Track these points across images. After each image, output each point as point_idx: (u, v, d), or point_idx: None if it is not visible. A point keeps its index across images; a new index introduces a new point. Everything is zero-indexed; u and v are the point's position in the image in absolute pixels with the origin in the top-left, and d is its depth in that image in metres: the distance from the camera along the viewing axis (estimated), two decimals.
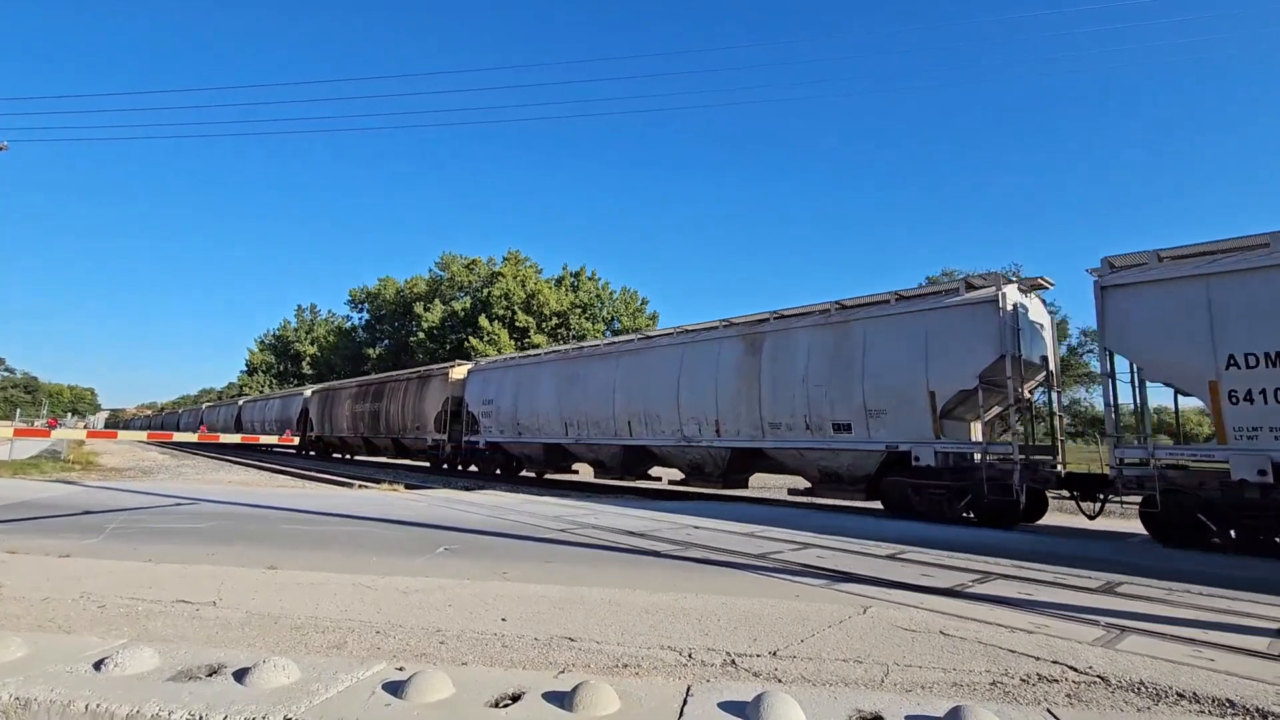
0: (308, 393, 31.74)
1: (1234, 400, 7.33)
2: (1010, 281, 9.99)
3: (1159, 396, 10.24)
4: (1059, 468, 9.79)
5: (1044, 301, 10.95)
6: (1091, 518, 9.37)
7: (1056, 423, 10.95)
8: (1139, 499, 8.20)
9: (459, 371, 21.38)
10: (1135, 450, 8.18)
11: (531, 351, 22.25)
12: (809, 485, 11.86)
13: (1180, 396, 8.68)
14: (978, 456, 9.51)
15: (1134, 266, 8.41)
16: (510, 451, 18.95)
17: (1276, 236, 7.43)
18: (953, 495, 9.52)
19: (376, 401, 24.79)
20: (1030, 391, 10.43)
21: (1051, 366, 10.57)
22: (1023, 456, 9.21)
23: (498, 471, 19.53)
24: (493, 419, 18.83)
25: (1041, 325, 10.49)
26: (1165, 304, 7.98)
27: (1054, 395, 10.85)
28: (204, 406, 52.26)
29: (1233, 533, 7.41)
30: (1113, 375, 8.46)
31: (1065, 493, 9.63)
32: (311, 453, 30.93)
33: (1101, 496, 9.00)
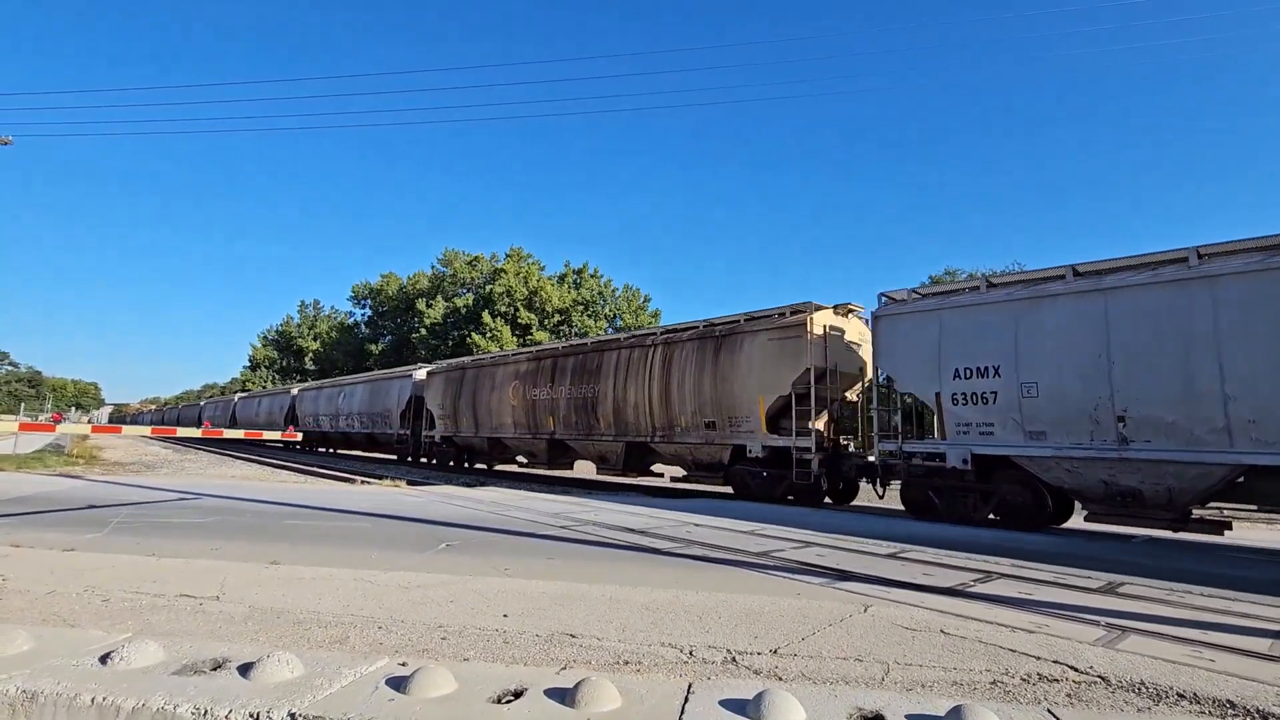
0: (420, 374, 23.36)
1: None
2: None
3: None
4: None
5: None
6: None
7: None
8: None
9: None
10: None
11: None
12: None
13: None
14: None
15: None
16: None
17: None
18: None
19: (585, 382, 15.59)
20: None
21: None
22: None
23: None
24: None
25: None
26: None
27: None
28: (235, 398, 49.48)
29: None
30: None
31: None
32: (429, 460, 22.61)
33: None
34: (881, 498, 11.39)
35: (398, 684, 2.47)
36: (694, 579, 4.80)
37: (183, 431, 11.94)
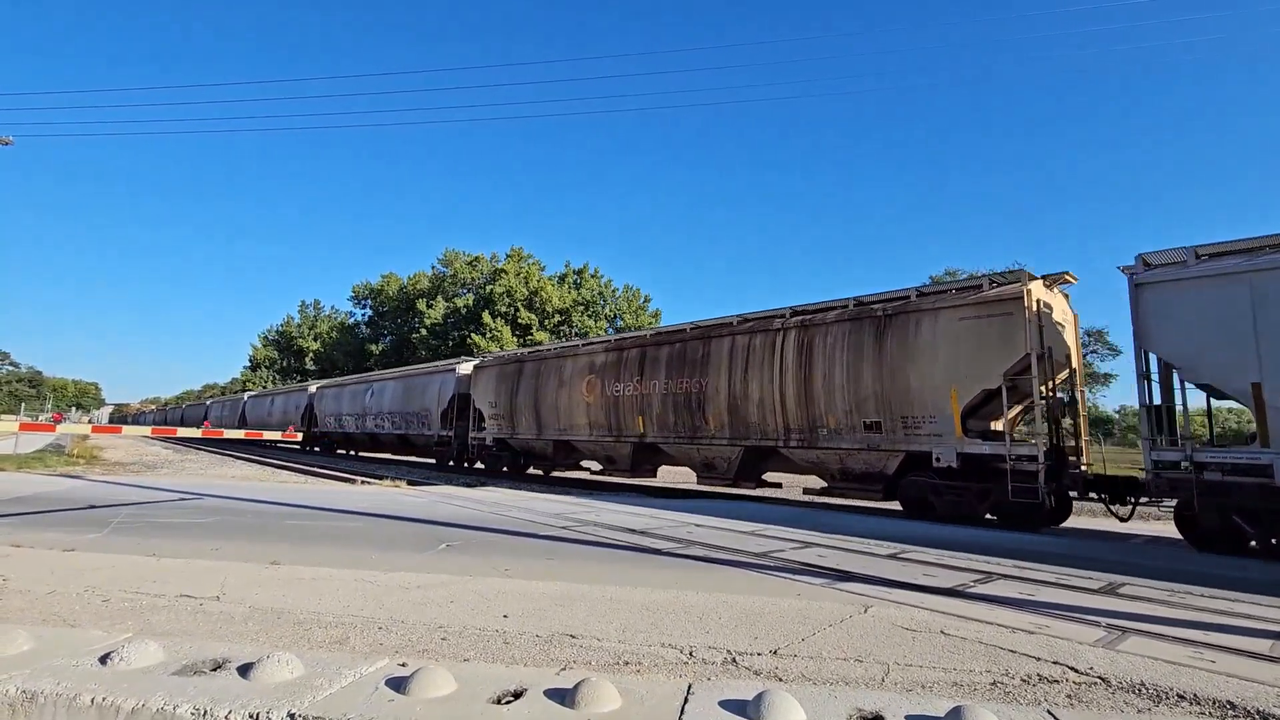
0: (465, 368, 20.95)
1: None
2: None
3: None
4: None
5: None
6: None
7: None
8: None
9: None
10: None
11: None
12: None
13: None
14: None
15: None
16: None
17: None
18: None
19: (686, 375, 13.49)
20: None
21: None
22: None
23: None
24: None
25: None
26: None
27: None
28: (245, 396, 45.93)
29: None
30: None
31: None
32: (474, 464, 20.43)
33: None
34: (1126, 520, 9.17)
35: (398, 684, 2.47)
36: (694, 579, 4.80)
37: (183, 432, 11.95)
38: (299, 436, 23.70)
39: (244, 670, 2.55)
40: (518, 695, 2.47)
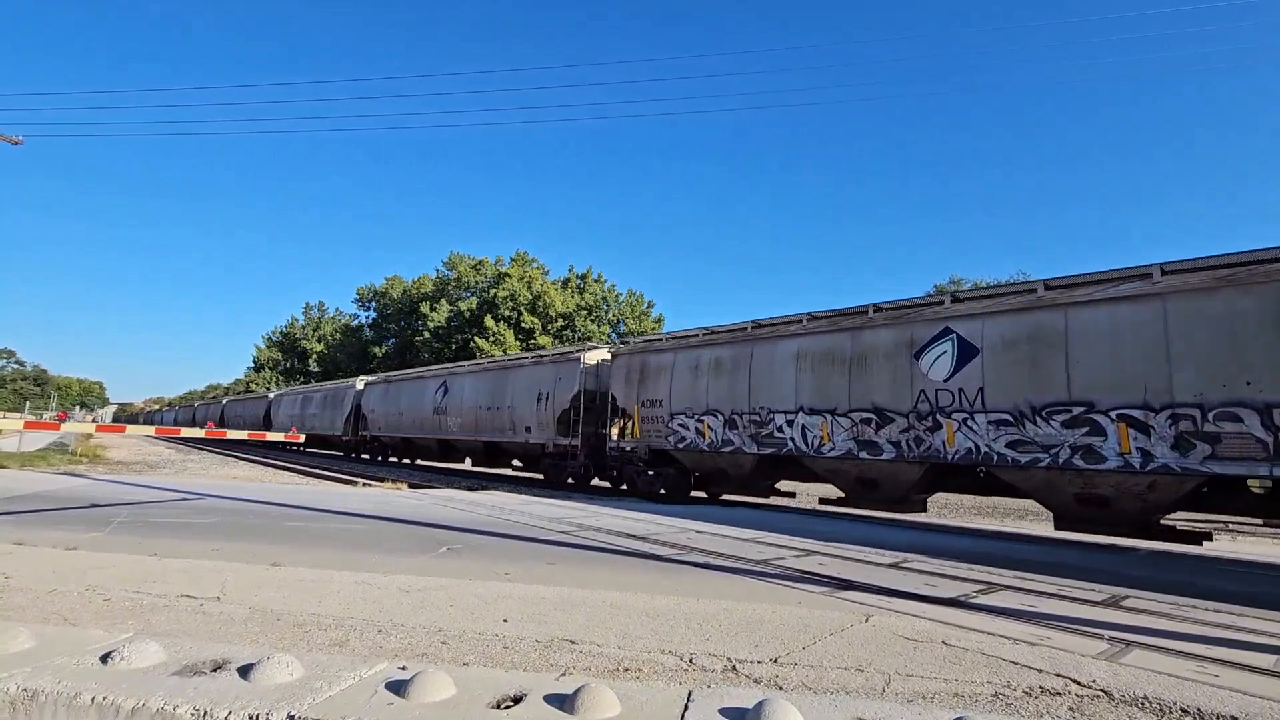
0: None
1: None
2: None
3: None
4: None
5: None
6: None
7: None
8: None
9: None
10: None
11: None
12: None
13: None
14: None
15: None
16: None
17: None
18: None
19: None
20: None
21: None
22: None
23: None
24: None
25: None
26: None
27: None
28: (272, 394, 39.33)
29: None
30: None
31: None
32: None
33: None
34: None
35: (397, 688, 2.47)
36: (694, 586, 4.79)
37: (186, 431, 11.98)
38: (301, 438, 23.07)
39: (244, 671, 2.55)
40: (517, 700, 2.46)
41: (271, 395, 40.13)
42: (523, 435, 17.29)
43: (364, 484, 14.78)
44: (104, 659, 2.63)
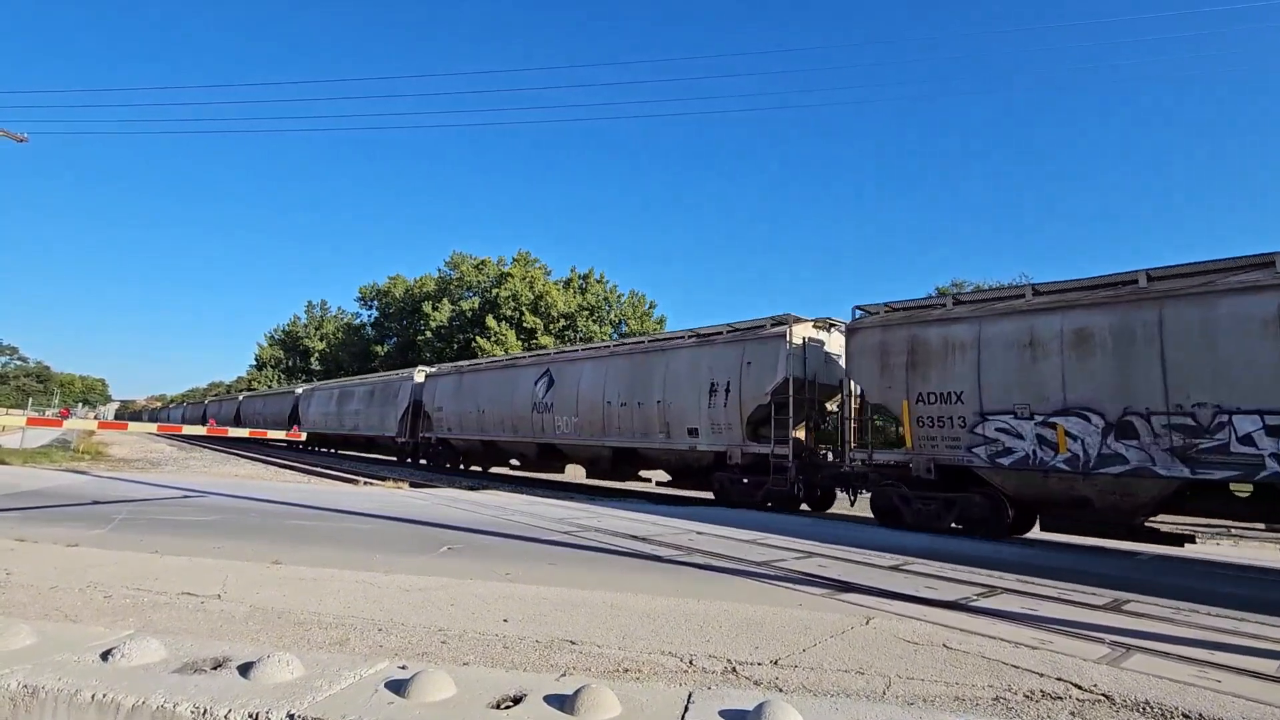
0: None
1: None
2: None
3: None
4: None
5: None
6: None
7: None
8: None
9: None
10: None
11: None
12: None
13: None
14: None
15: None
16: None
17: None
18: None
19: None
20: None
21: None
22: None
23: None
24: None
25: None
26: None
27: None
28: (299, 390, 35.18)
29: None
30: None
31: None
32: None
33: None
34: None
35: (397, 687, 2.47)
36: (695, 587, 4.79)
37: (187, 429, 12.02)
38: (302, 436, 22.52)
39: (244, 670, 2.55)
40: (517, 700, 2.46)
41: (299, 391, 35.05)
42: (681, 440, 13.30)
43: (365, 483, 14.80)
44: (105, 656, 2.63)
